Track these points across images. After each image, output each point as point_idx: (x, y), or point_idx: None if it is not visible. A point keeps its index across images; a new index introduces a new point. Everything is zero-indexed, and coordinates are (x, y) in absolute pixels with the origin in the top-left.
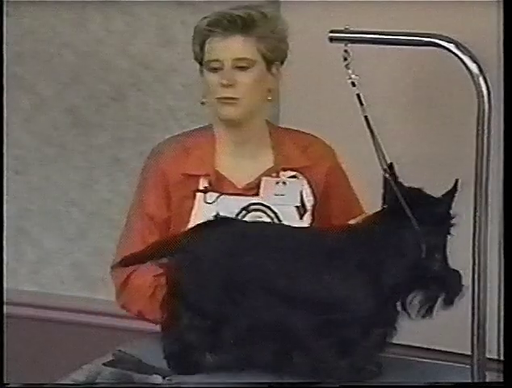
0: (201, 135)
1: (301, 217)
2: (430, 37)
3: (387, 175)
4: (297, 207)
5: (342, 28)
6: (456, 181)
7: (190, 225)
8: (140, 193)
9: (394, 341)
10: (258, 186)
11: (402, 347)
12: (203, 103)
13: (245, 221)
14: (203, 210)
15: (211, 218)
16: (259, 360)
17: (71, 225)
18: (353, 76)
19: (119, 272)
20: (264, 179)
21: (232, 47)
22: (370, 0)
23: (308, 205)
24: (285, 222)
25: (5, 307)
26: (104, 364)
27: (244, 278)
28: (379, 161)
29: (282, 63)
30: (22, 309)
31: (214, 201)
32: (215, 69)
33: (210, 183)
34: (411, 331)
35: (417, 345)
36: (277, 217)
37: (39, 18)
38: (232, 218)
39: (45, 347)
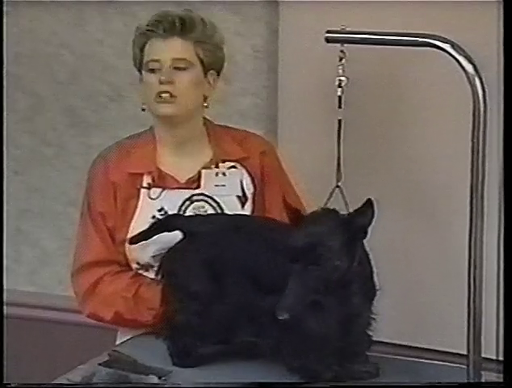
0: (141, 137)
1: (242, 205)
2: (426, 37)
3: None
4: (238, 196)
5: (339, 28)
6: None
7: (134, 221)
8: (87, 198)
9: (389, 341)
10: (199, 179)
11: (398, 346)
12: (143, 110)
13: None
14: (147, 206)
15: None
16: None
17: (69, 225)
18: (342, 78)
19: (83, 278)
20: (204, 171)
21: (171, 47)
22: (371, 0)
23: (249, 194)
24: (227, 211)
25: (4, 308)
26: (100, 365)
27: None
28: (337, 167)
29: (218, 74)
30: (20, 309)
31: (158, 196)
32: (153, 70)
33: (153, 180)
34: (408, 330)
35: (413, 345)
36: (219, 207)
37: (37, 18)
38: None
39: (44, 347)
